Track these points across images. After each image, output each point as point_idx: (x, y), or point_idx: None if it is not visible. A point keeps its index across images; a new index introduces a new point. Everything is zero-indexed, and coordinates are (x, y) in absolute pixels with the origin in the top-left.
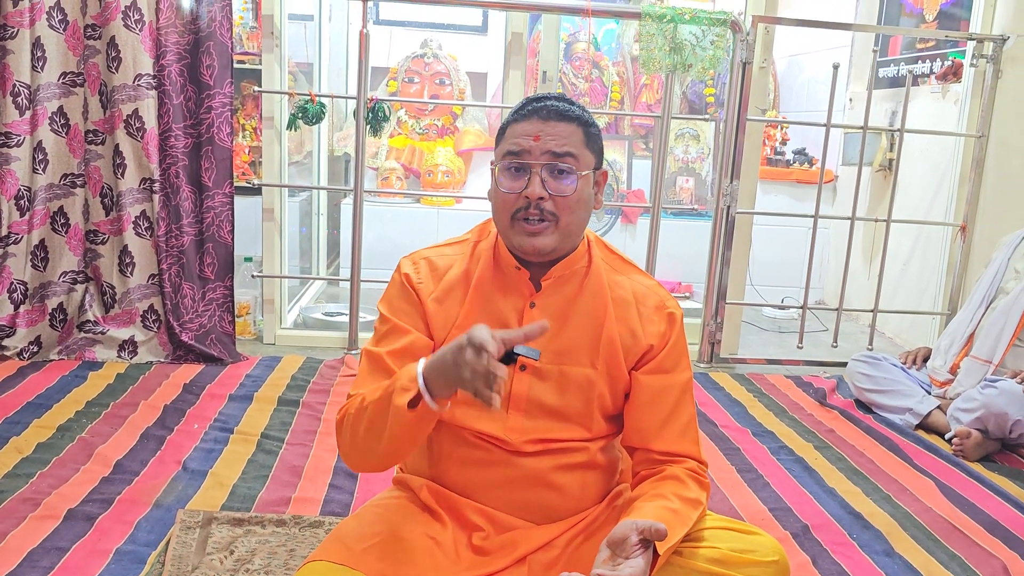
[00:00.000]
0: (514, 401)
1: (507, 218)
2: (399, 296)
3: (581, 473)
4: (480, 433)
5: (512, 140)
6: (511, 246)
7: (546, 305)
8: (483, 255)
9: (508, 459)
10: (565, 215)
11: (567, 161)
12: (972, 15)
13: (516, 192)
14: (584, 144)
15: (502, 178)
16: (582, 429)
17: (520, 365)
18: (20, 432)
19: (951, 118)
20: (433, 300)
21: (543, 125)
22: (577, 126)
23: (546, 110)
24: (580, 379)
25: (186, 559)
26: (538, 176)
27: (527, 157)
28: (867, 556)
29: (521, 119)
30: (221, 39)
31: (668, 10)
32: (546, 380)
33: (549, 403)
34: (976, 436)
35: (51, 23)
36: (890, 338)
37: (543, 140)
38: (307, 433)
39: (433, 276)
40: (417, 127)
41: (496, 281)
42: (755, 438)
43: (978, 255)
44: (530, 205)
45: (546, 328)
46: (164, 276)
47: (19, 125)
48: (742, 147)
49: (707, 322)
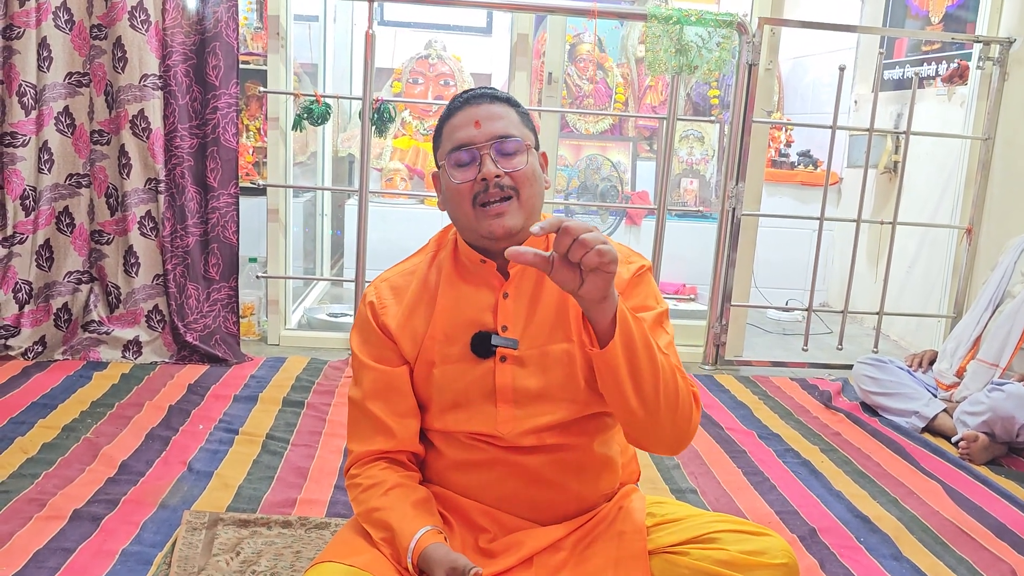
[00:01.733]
0: (500, 393)
1: (468, 208)
2: (366, 331)
3: (580, 470)
4: (473, 434)
5: (453, 135)
6: (479, 236)
7: (518, 292)
8: (444, 263)
9: (505, 457)
10: (524, 188)
11: (512, 139)
12: (978, 17)
13: (470, 180)
14: (521, 124)
15: (453, 172)
16: (570, 404)
17: (500, 356)
18: (25, 432)
19: (957, 120)
20: (398, 322)
21: (477, 110)
22: (508, 106)
23: (475, 97)
24: (560, 355)
25: (192, 560)
26: (489, 157)
27: (474, 144)
28: (875, 560)
29: (454, 112)
30: (227, 40)
31: (674, 12)
32: (527, 366)
33: (534, 387)
34: (983, 439)
35: (57, 23)
36: (895, 341)
37: (483, 125)
38: (312, 434)
39: (396, 298)
40: (421, 128)
41: (462, 281)
42: (761, 440)
43: (984, 258)
44: (488, 187)
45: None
46: (169, 276)
47: (25, 125)
48: (747, 149)
49: (712, 324)
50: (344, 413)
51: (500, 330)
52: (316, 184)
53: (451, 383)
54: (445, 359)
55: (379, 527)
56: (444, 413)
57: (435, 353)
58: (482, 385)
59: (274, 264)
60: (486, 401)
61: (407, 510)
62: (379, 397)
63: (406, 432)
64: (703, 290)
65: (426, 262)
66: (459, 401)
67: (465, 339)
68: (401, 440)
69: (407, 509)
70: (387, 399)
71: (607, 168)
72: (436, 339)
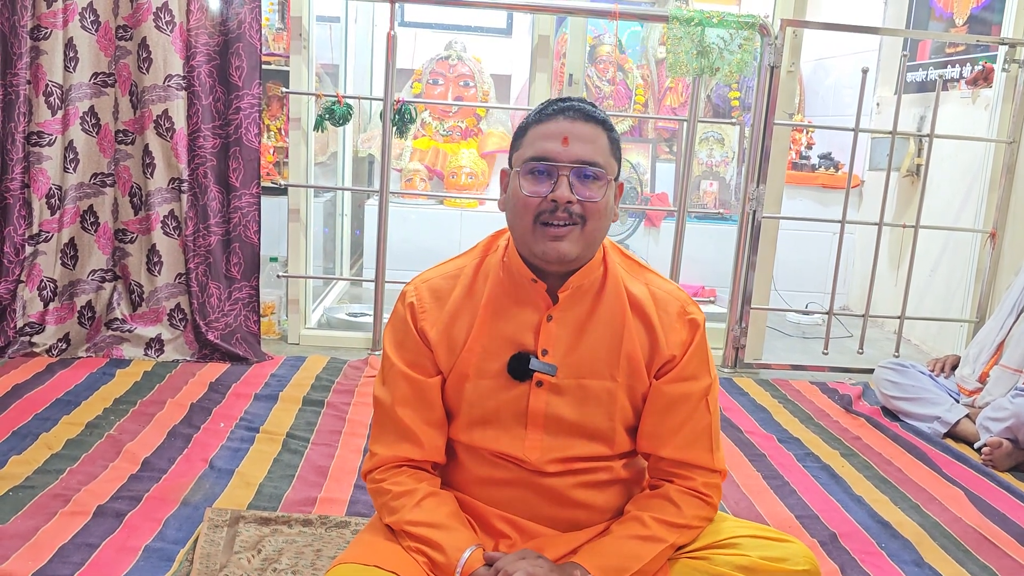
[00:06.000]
0: (532, 418)
1: (529, 222)
2: (402, 333)
3: (605, 489)
4: (500, 453)
5: (537, 143)
6: (532, 253)
7: (564, 318)
8: (492, 271)
9: (530, 479)
10: (592, 220)
11: (596, 167)
12: (1004, 19)
13: (540, 196)
14: (609, 152)
15: (524, 182)
16: (603, 445)
17: (536, 381)
18: (50, 428)
19: (981, 123)
20: (438, 330)
21: (570, 126)
22: (602, 130)
23: (572, 110)
24: (600, 392)
25: (214, 557)
26: (566, 179)
27: (555, 160)
28: (896, 566)
29: (545, 119)
30: (250, 41)
31: (696, 13)
32: (564, 395)
33: (568, 418)
34: (1006, 446)
35: (83, 24)
36: (916, 345)
37: (572, 144)
38: (332, 433)
39: (437, 302)
40: (441, 129)
41: (509, 296)
42: (780, 444)
43: (1008, 262)
44: (556, 208)
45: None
46: (191, 275)
47: (51, 125)
48: (769, 151)
49: (731, 327)
50: (364, 413)
51: (540, 354)
52: (336, 184)
53: (483, 400)
54: (480, 374)
55: (417, 540)
56: (472, 428)
57: (471, 366)
58: (514, 407)
59: (294, 264)
60: (516, 424)
61: (446, 521)
62: (409, 405)
63: (433, 443)
64: (723, 292)
65: (472, 267)
66: (489, 419)
67: (504, 357)
68: (428, 451)
69: (446, 521)
70: (417, 408)
71: (626, 170)
72: (474, 352)
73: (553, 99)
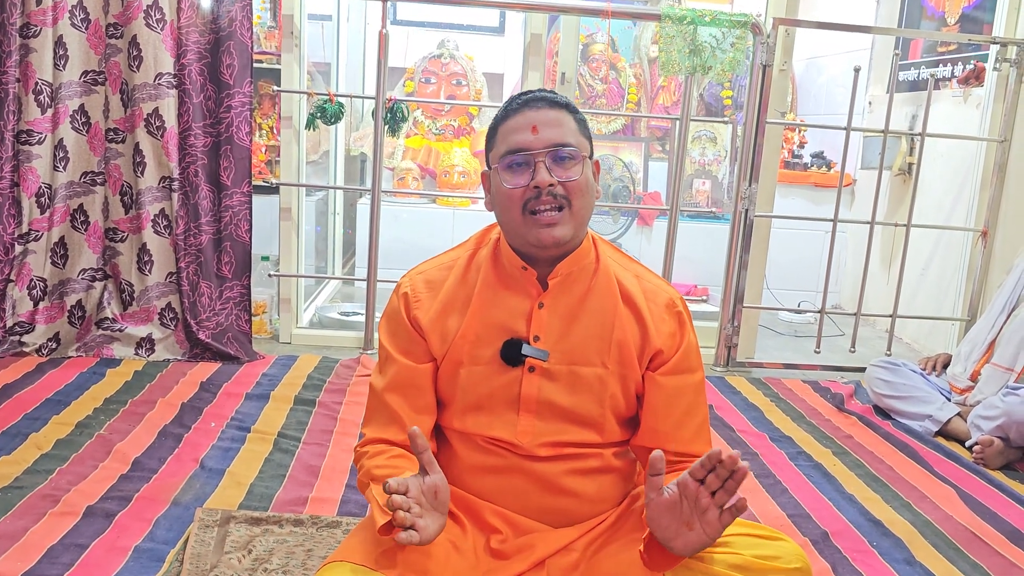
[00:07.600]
0: (524, 403)
1: (517, 214)
2: (395, 322)
3: (596, 477)
4: (492, 439)
5: (509, 138)
6: (526, 243)
7: (555, 304)
8: (483, 262)
9: (522, 464)
10: (576, 199)
11: (569, 147)
12: (995, 18)
13: (522, 186)
14: (578, 132)
15: (504, 176)
16: (594, 432)
17: (529, 367)
18: (39, 428)
19: (973, 122)
20: (430, 317)
21: (536, 115)
22: (567, 112)
23: (535, 100)
24: (591, 379)
25: (204, 558)
26: (543, 164)
27: (529, 149)
28: (887, 564)
29: (512, 114)
30: (241, 39)
31: (688, 12)
32: (556, 380)
33: (560, 404)
34: (997, 444)
35: (73, 22)
36: (908, 344)
37: (541, 131)
38: (323, 433)
39: (431, 292)
40: (433, 127)
41: (500, 285)
42: (772, 443)
43: (999, 261)
44: (540, 194)
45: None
46: (182, 274)
47: (41, 123)
48: (761, 150)
49: (724, 326)
50: (355, 413)
51: (532, 340)
52: (328, 183)
53: (476, 386)
54: (474, 360)
55: (375, 480)
56: (465, 414)
57: (464, 353)
58: (507, 392)
59: (286, 262)
60: (509, 409)
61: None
62: (398, 391)
63: (419, 428)
64: (715, 291)
65: (465, 258)
66: (482, 404)
67: (496, 343)
68: None
69: (409, 467)
70: (406, 394)
71: (619, 168)
72: (467, 339)
73: (514, 95)
